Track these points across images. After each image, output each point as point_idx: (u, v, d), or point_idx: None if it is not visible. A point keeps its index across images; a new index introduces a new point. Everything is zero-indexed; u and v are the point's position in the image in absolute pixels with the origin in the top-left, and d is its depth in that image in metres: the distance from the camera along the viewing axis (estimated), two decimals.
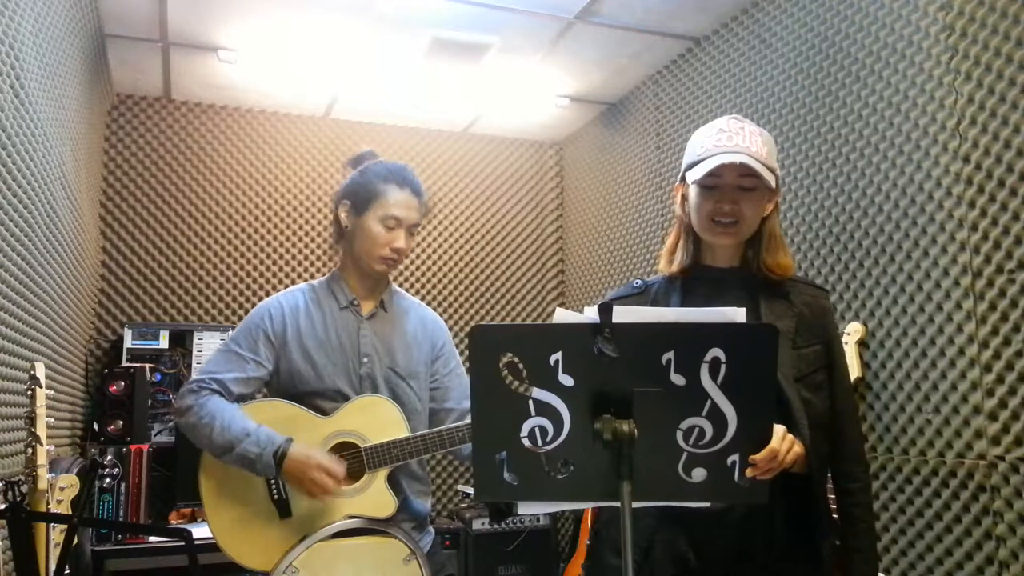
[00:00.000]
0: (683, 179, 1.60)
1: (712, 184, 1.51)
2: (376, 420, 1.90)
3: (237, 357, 1.91)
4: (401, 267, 4.13)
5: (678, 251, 1.62)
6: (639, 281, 1.66)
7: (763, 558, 1.46)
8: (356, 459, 1.89)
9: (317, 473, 1.77)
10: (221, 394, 1.87)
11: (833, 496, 1.56)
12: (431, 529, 2.06)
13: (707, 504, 1.27)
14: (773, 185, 1.52)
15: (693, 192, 1.56)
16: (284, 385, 1.95)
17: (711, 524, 1.44)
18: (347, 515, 1.83)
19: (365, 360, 1.95)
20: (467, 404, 2.04)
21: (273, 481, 1.86)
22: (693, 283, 1.60)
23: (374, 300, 2.02)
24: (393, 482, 1.90)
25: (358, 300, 1.99)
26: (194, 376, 1.92)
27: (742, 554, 1.46)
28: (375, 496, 1.87)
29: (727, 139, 1.51)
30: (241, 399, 1.91)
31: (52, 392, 2.56)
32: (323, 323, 1.96)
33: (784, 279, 1.57)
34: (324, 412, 1.91)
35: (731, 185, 1.51)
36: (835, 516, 1.55)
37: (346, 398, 1.92)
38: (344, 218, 1.97)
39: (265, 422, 1.85)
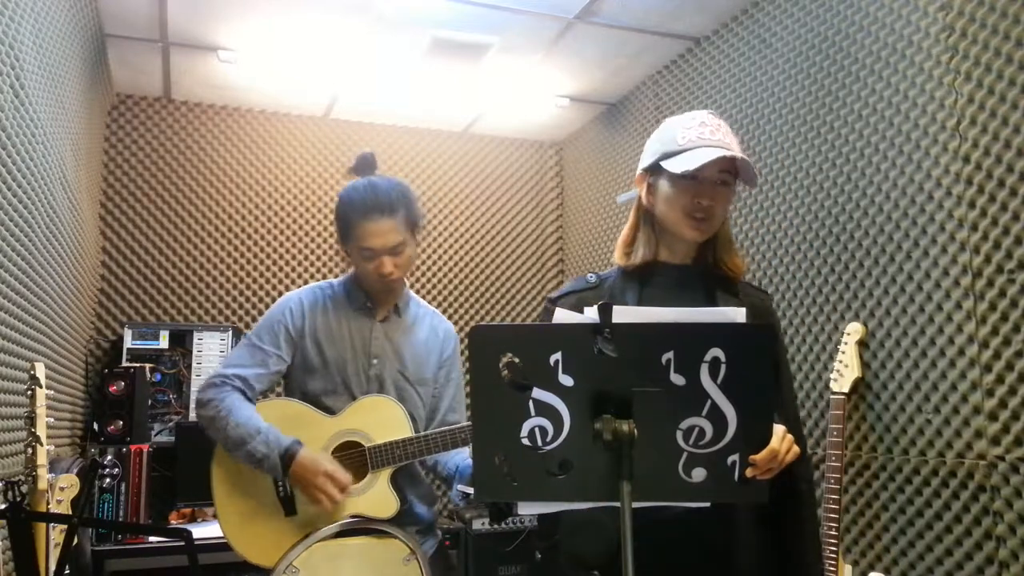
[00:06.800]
0: (653, 168, 1.55)
1: (694, 177, 1.49)
2: (381, 420, 1.91)
3: (260, 352, 1.94)
4: None
5: (638, 244, 1.58)
6: (593, 276, 1.61)
7: (732, 561, 1.46)
8: (360, 458, 1.90)
9: (323, 480, 1.78)
10: (243, 391, 1.90)
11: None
12: (437, 532, 2.06)
13: (707, 504, 1.27)
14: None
15: (666, 183, 1.52)
16: (296, 380, 1.97)
17: (679, 528, 1.41)
18: (350, 514, 1.83)
19: (375, 361, 1.97)
20: (452, 416, 2.07)
21: (279, 479, 1.87)
22: (650, 279, 1.57)
23: (389, 304, 2.04)
24: (396, 484, 1.91)
25: (372, 303, 2.01)
26: (218, 370, 1.94)
27: (711, 557, 1.45)
28: (378, 496, 1.88)
29: (710, 133, 1.49)
30: (262, 395, 1.95)
31: (52, 392, 2.56)
32: (337, 321, 1.98)
33: (737, 279, 1.57)
34: (331, 410, 1.92)
35: (712, 180, 1.49)
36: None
37: (353, 397, 1.93)
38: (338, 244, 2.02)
39: (272, 419, 1.86)
